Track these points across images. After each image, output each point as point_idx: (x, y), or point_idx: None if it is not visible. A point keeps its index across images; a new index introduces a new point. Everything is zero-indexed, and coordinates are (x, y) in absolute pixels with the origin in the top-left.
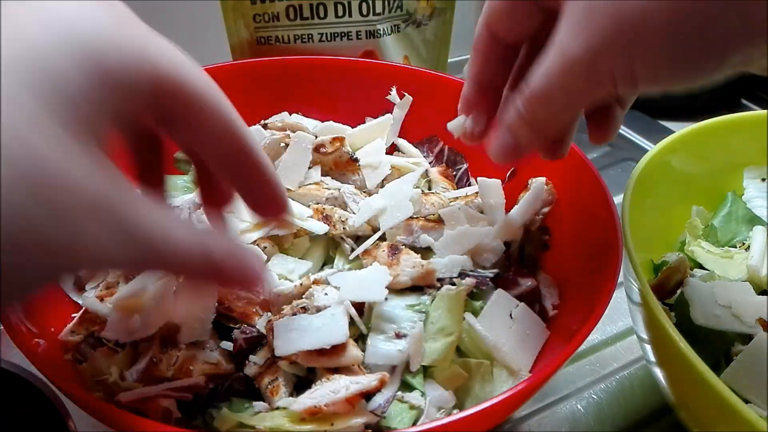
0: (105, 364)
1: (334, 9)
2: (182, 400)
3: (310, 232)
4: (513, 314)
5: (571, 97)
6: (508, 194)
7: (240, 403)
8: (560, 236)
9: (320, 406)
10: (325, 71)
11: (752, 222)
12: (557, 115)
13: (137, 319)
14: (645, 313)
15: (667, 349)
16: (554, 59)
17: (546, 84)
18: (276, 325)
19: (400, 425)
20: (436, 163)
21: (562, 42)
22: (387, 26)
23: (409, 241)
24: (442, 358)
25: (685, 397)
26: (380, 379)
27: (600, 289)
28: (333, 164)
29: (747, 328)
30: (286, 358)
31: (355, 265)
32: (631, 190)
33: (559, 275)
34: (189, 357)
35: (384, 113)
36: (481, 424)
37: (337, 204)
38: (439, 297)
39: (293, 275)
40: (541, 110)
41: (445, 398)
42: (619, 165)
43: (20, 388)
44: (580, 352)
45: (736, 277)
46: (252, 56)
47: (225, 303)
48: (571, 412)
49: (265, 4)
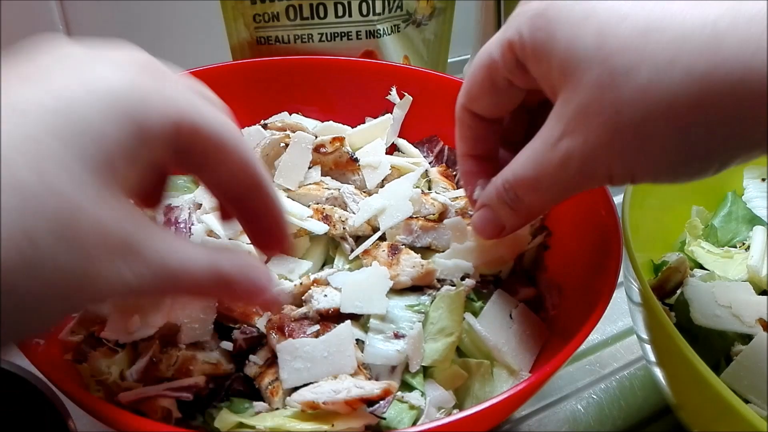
0: (105, 364)
1: (334, 9)
2: (182, 400)
3: (310, 232)
4: (513, 315)
5: (560, 190)
6: None
7: (240, 403)
8: (560, 236)
9: (319, 403)
10: (325, 71)
11: (752, 222)
12: (544, 204)
13: (137, 319)
14: (645, 313)
15: (667, 349)
16: (543, 152)
17: (534, 175)
18: (279, 351)
19: (400, 425)
20: (436, 163)
21: (552, 137)
22: (387, 26)
23: (408, 241)
24: (442, 358)
25: (685, 397)
26: (384, 389)
27: (600, 289)
28: (333, 164)
29: (747, 328)
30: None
31: (355, 264)
32: (631, 190)
33: (559, 275)
34: (189, 357)
35: (384, 113)
36: (481, 424)
37: (337, 204)
38: (439, 297)
39: (293, 275)
40: (527, 197)
41: (445, 398)
42: None
43: (20, 388)
44: (580, 352)
45: (736, 277)
46: (252, 56)
47: (225, 303)
48: (571, 412)
49: (265, 4)
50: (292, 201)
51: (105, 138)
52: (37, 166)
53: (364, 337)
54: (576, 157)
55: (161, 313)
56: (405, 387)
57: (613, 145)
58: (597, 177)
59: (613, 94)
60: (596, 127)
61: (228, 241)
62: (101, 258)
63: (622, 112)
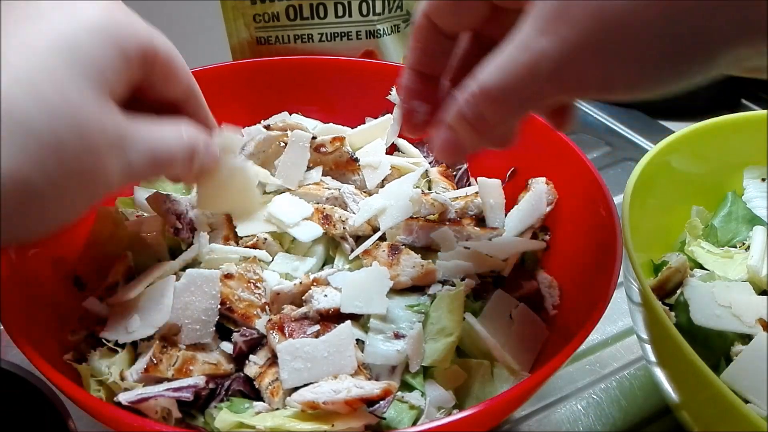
0: (105, 364)
1: (334, 9)
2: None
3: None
4: (513, 314)
5: (525, 99)
6: (508, 194)
7: (240, 403)
8: (560, 236)
9: (319, 403)
10: (325, 71)
11: (752, 222)
12: (505, 116)
13: (137, 319)
14: (645, 313)
15: (667, 349)
16: (514, 55)
17: (500, 81)
18: (280, 351)
19: (400, 425)
20: (436, 163)
21: (527, 38)
22: (387, 26)
23: (409, 241)
24: (442, 358)
25: (685, 397)
26: (384, 389)
27: (600, 289)
28: (333, 164)
29: (747, 328)
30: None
31: (355, 264)
32: (631, 190)
33: (559, 275)
34: (189, 357)
35: (384, 113)
36: (481, 424)
37: (337, 204)
38: (439, 297)
39: (297, 272)
40: (489, 110)
41: (445, 398)
42: (619, 165)
43: (20, 388)
44: (580, 352)
45: (736, 277)
46: (252, 56)
47: (227, 303)
48: (571, 412)
49: (265, 4)
50: (291, 198)
51: (99, 60)
52: (55, 84)
53: (364, 337)
54: (549, 57)
55: (161, 314)
56: (405, 387)
57: (593, 44)
58: (568, 84)
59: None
60: (576, 23)
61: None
62: (105, 151)
63: (606, 5)
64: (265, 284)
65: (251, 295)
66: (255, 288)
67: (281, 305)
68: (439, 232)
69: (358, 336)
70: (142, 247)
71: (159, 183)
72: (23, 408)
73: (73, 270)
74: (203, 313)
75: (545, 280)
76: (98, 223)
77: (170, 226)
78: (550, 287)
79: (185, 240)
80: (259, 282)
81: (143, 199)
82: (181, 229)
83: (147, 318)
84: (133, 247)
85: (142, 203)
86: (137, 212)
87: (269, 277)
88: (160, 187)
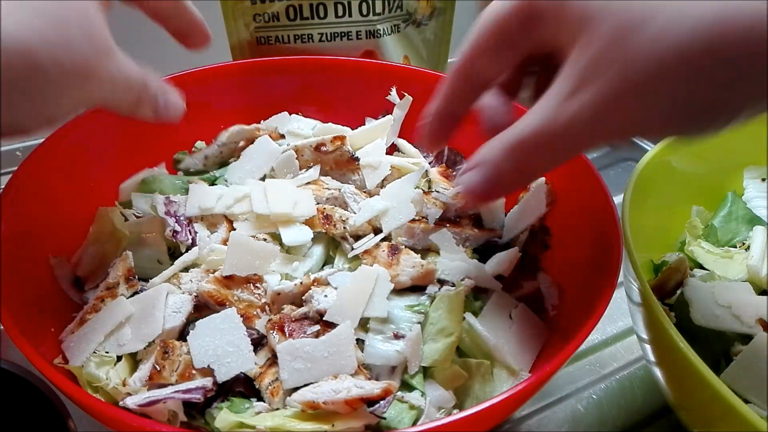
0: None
1: (334, 9)
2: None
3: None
4: (513, 314)
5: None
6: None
7: (240, 403)
8: (560, 236)
9: (319, 403)
10: (325, 71)
11: (752, 222)
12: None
13: (128, 331)
14: (645, 313)
15: (667, 349)
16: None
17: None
18: (280, 351)
19: (400, 425)
20: (436, 163)
21: (565, 90)
22: (387, 26)
23: (410, 244)
24: (442, 358)
25: (685, 397)
26: (384, 389)
27: (600, 289)
28: (333, 163)
29: (747, 328)
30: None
31: (355, 264)
32: (631, 190)
33: (559, 275)
34: (191, 361)
35: (384, 113)
36: (481, 424)
37: (337, 204)
38: (439, 297)
39: (297, 272)
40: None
41: (445, 398)
42: (619, 165)
43: (20, 388)
44: (580, 352)
45: (736, 277)
46: (252, 56)
47: (227, 305)
48: (571, 412)
49: (265, 4)
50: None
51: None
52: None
53: (364, 337)
54: (587, 109)
55: (153, 326)
56: (405, 387)
57: (625, 96)
58: (604, 133)
59: (626, 45)
60: (609, 78)
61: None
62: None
63: (635, 62)
64: (265, 284)
65: (251, 296)
66: (255, 288)
67: (281, 305)
68: (439, 233)
69: (358, 336)
70: (141, 247)
71: (157, 186)
72: (23, 408)
73: (73, 270)
74: (230, 345)
75: (545, 280)
76: (98, 223)
77: (169, 229)
78: (550, 287)
79: (184, 242)
80: (258, 282)
81: (141, 203)
82: (180, 232)
83: (138, 331)
84: (133, 247)
85: (140, 207)
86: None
87: (269, 278)
88: (159, 189)
